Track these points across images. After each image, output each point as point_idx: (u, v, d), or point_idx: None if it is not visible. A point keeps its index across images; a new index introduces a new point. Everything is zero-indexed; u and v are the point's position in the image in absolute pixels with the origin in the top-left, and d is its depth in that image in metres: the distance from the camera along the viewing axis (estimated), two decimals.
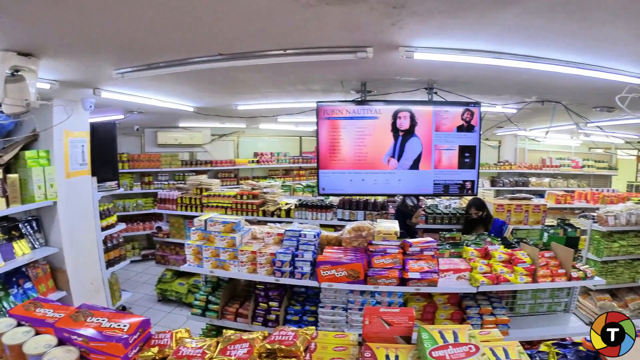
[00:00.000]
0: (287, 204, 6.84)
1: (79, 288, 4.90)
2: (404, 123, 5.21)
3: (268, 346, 1.99)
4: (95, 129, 5.56)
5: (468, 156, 5.38)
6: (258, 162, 12.19)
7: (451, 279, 3.73)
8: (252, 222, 5.47)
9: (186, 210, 7.34)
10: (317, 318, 3.80)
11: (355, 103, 5.32)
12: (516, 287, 3.79)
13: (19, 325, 2.00)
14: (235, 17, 2.65)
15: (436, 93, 5.27)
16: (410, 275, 3.56)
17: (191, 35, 3.07)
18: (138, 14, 2.60)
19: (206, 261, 3.99)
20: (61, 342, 1.92)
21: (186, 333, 2.24)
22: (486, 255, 4.03)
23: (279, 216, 6.58)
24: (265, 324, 3.95)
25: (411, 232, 5.60)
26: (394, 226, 4.01)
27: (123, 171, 9.72)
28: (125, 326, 1.98)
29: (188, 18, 2.67)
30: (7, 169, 4.20)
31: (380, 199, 6.57)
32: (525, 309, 4.25)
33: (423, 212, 6.21)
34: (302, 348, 2.00)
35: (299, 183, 9.55)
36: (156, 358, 1.99)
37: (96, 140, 5.56)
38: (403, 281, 3.60)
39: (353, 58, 3.26)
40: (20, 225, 4.37)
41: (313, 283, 3.72)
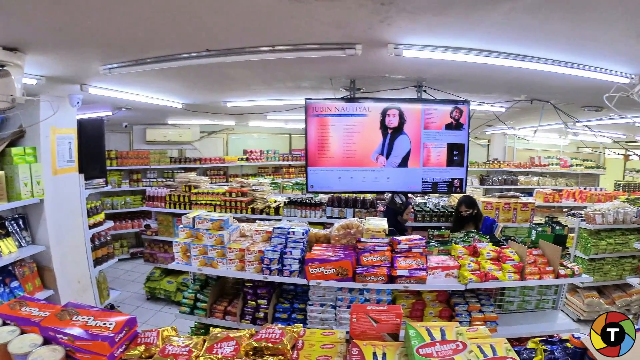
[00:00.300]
0: (276, 202, 6.82)
1: (67, 287, 4.85)
2: (393, 121, 5.20)
3: (255, 344, 1.97)
4: (82, 126, 5.50)
5: (457, 154, 5.39)
6: (247, 160, 12.14)
7: (439, 277, 3.74)
8: (241, 220, 5.45)
9: (175, 207, 7.30)
10: (306, 316, 3.79)
11: (344, 100, 5.30)
12: (504, 285, 3.82)
13: (4, 324, 1.97)
14: (223, 13, 2.63)
15: (425, 91, 5.28)
16: (398, 272, 3.56)
17: (178, 30, 3.05)
18: (124, 9, 2.57)
19: (194, 259, 3.96)
20: (47, 341, 1.90)
21: (173, 331, 2.21)
22: (474, 252, 4.04)
23: (268, 214, 6.58)
24: (253, 322, 3.93)
25: (401, 230, 5.61)
26: (383, 224, 4.01)
27: (111, 168, 9.64)
28: (111, 325, 1.96)
29: (175, 13, 2.64)
30: None
31: (369, 197, 6.57)
32: (513, 306, 4.27)
33: (412, 210, 6.22)
34: (289, 346, 1.99)
35: (289, 181, 9.53)
36: (142, 357, 1.97)
37: (84, 136, 5.49)
38: (391, 279, 3.60)
39: (342, 55, 3.25)
40: (6, 223, 4.30)
41: (301, 281, 3.71)
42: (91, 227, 5.71)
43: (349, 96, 5.36)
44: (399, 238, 3.74)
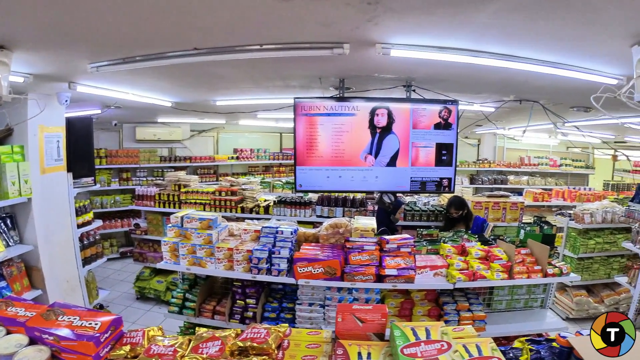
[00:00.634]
0: (266, 201, 6.81)
1: (55, 286, 4.82)
2: (382, 120, 5.20)
3: (240, 344, 1.97)
4: (71, 124, 5.46)
5: (445, 154, 5.40)
6: (238, 159, 12.09)
7: (428, 276, 3.74)
8: (231, 219, 5.43)
9: (164, 206, 7.26)
10: (295, 315, 3.78)
11: (332, 99, 5.30)
12: (492, 284, 3.83)
13: None
14: (210, 11, 2.61)
15: (414, 90, 5.27)
16: (386, 272, 3.57)
17: (166, 28, 3.02)
18: (111, 7, 2.54)
19: (183, 258, 3.95)
20: (33, 342, 1.90)
21: (159, 331, 2.22)
22: (463, 252, 4.05)
23: (258, 213, 6.56)
24: (242, 322, 3.92)
25: (393, 229, 5.62)
26: (372, 223, 4.02)
27: (101, 167, 9.57)
28: (96, 324, 1.96)
29: (162, 11, 2.62)
30: None
31: (359, 196, 6.57)
32: (502, 305, 4.30)
33: (403, 209, 6.24)
34: (274, 345, 1.98)
35: (279, 180, 9.52)
36: (128, 356, 1.97)
37: (72, 135, 5.46)
38: (380, 278, 3.61)
39: (329, 54, 3.24)
40: None
41: (290, 280, 3.70)
42: (80, 227, 5.66)
43: (338, 95, 5.37)
44: (388, 237, 3.74)
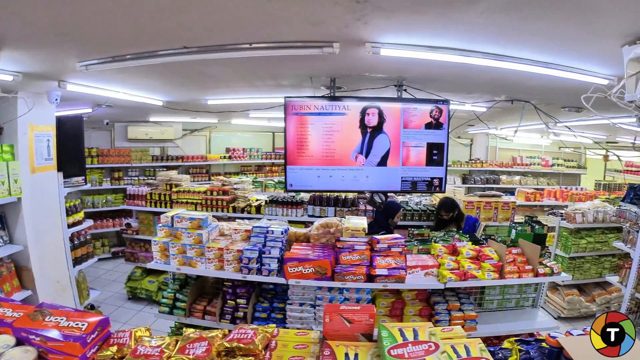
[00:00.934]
0: (258, 200, 6.79)
1: (45, 287, 4.79)
2: (372, 120, 5.19)
3: (227, 344, 1.96)
4: (61, 123, 5.43)
5: (436, 153, 5.39)
6: (230, 158, 12.06)
7: (419, 276, 3.74)
8: (222, 219, 5.42)
9: (156, 206, 7.23)
10: (286, 315, 3.77)
11: (323, 99, 5.29)
12: (483, 284, 3.84)
13: None
14: (199, 9, 2.60)
15: (406, 90, 5.26)
16: (377, 271, 3.56)
17: (155, 27, 3.00)
18: (99, 5, 2.52)
19: (173, 258, 3.92)
20: (20, 342, 1.88)
21: (146, 332, 2.20)
22: (454, 251, 4.06)
23: (249, 212, 6.54)
24: (233, 322, 3.90)
25: (390, 233, 5.61)
26: (362, 222, 4.01)
27: (92, 166, 9.53)
28: (83, 325, 1.94)
29: (150, 9, 2.60)
30: None
31: (351, 196, 6.58)
32: (493, 305, 4.31)
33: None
34: (261, 346, 1.97)
35: (271, 179, 9.49)
36: (115, 357, 1.96)
37: (62, 134, 5.43)
38: (370, 278, 3.60)
39: (319, 53, 3.22)
40: None
41: (280, 280, 3.69)
42: (70, 226, 5.64)
43: (329, 95, 5.36)
44: (378, 237, 3.73)
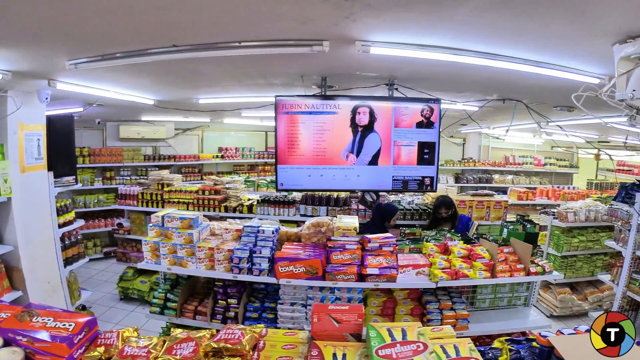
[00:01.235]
0: (250, 200, 6.77)
1: (36, 287, 4.76)
2: (363, 119, 5.19)
3: (214, 345, 1.95)
4: (52, 122, 5.39)
5: (427, 152, 5.40)
6: (223, 157, 12.01)
7: (410, 275, 3.74)
8: (214, 218, 5.39)
9: (147, 206, 7.19)
10: (277, 315, 3.76)
11: (314, 98, 5.28)
12: (474, 283, 3.85)
13: None
14: (188, 7, 2.58)
15: (397, 89, 5.26)
16: (368, 271, 3.56)
17: (144, 25, 2.98)
18: (87, 2, 2.49)
19: (163, 258, 3.91)
20: (7, 343, 1.86)
21: (134, 332, 2.19)
22: (445, 250, 4.06)
23: (241, 212, 6.51)
24: (224, 322, 3.88)
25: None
26: (354, 222, 4.00)
27: (84, 166, 9.47)
28: (70, 326, 1.93)
29: (139, 7, 2.58)
30: None
31: (343, 195, 6.58)
32: (485, 304, 4.31)
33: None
34: (249, 347, 1.96)
35: (264, 178, 9.49)
36: (102, 358, 1.94)
37: (53, 133, 5.39)
38: (362, 277, 3.60)
39: (309, 52, 3.21)
40: None
41: (271, 279, 3.68)
42: (61, 226, 5.59)
43: (320, 93, 5.34)
44: (369, 236, 3.73)
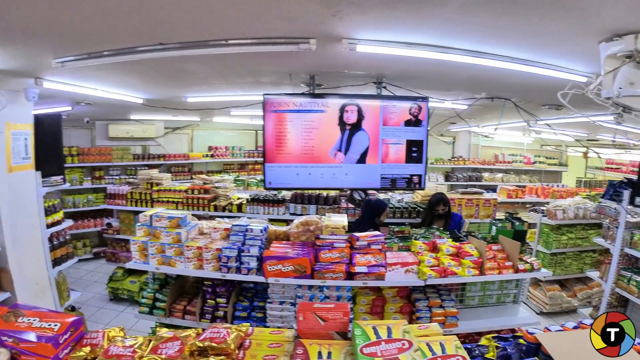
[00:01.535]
0: (239, 199, 6.75)
1: (25, 288, 4.71)
2: (351, 117, 5.20)
3: (199, 344, 1.94)
4: (39, 121, 5.33)
5: (415, 150, 5.43)
6: (212, 156, 11.98)
7: (399, 273, 3.74)
8: (204, 218, 5.37)
9: (136, 205, 7.14)
10: (266, 314, 3.74)
11: (301, 96, 5.29)
12: (463, 280, 3.84)
13: None
14: (173, 5, 2.57)
15: (385, 87, 5.28)
16: (357, 269, 3.55)
17: (130, 23, 2.96)
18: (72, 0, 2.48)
19: (152, 258, 3.88)
20: None
21: (120, 332, 2.19)
22: (434, 248, 4.07)
23: (231, 211, 6.49)
24: (213, 321, 3.85)
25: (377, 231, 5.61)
26: (342, 220, 4.00)
27: (72, 165, 9.40)
28: (56, 326, 1.93)
29: (125, 5, 2.56)
30: None
31: (332, 193, 6.59)
32: (474, 301, 4.32)
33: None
34: (234, 345, 1.95)
35: (254, 177, 9.46)
36: (88, 358, 1.94)
37: (40, 132, 5.33)
38: (350, 275, 3.59)
39: (296, 50, 3.21)
40: None
41: (259, 278, 3.66)
42: (49, 227, 5.53)
43: (308, 92, 5.34)
44: (358, 235, 3.73)
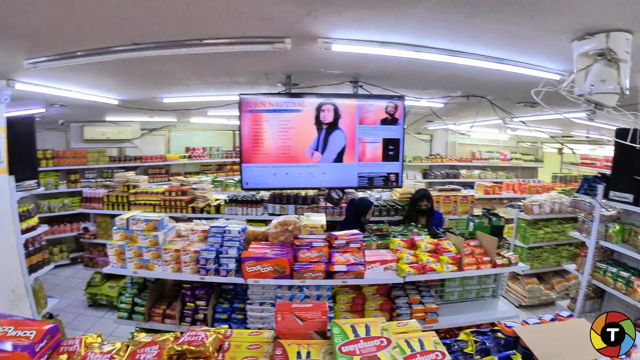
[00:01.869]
0: (217, 200, 6.70)
1: (0, 297, 4.60)
2: (328, 116, 5.21)
3: (177, 348, 1.92)
4: (11, 124, 5.21)
5: (392, 149, 5.46)
6: (190, 157, 11.86)
7: (378, 270, 3.77)
8: (182, 220, 5.32)
9: (113, 208, 7.05)
10: (247, 315, 3.72)
11: (277, 96, 5.27)
12: (442, 276, 3.89)
13: None
14: (147, 4, 2.54)
15: (361, 86, 5.30)
16: (336, 268, 3.57)
17: (104, 23, 2.93)
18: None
19: (129, 262, 3.83)
20: None
21: (98, 338, 2.15)
22: (412, 245, 4.10)
23: (209, 212, 6.45)
24: (193, 324, 3.82)
25: (363, 230, 5.62)
26: (321, 219, 4.00)
27: (47, 169, 9.18)
28: (32, 334, 1.89)
29: (98, 4, 2.53)
30: None
31: (311, 193, 6.59)
32: (454, 296, 4.38)
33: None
34: (212, 348, 1.94)
35: (232, 178, 9.40)
36: None
37: (13, 135, 5.21)
38: (330, 274, 3.60)
39: (271, 49, 3.21)
40: None
41: (239, 280, 3.65)
42: (24, 232, 5.41)
43: (285, 91, 5.33)
44: (336, 233, 3.75)
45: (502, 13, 2.69)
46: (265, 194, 6.71)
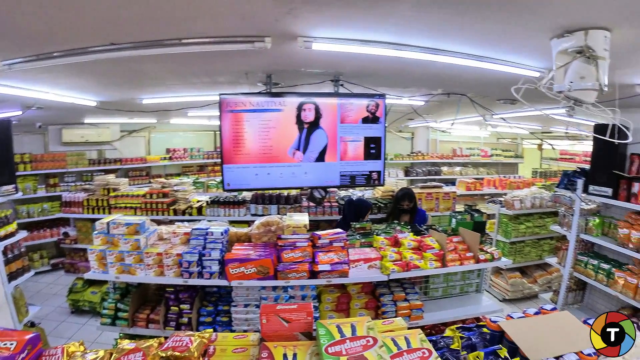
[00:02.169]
0: (199, 202, 6.62)
1: None
2: (309, 115, 5.19)
3: (161, 354, 1.90)
4: None
5: (374, 147, 5.46)
6: (171, 159, 11.77)
7: (362, 269, 3.76)
8: (163, 222, 5.25)
9: (93, 212, 6.91)
10: (232, 317, 3.69)
11: (258, 95, 5.23)
12: (425, 273, 3.92)
13: None
14: (124, 3, 2.50)
15: (342, 85, 5.31)
16: (320, 267, 3.57)
17: (80, 22, 2.87)
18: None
19: (111, 266, 3.77)
20: None
21: (80, 346, 2.11)
22: (396, 243, 4.12)
23: (191, 214, 6.36)
24: (178, 328, 3.78)
25: None
26: (304, 219, 3.99)
27: (25, 173, 9.01)
28: (12, 344, 1.86)
29: (74, 3, 2.48)
30: None
31: (293, 193, 6.57)
32: (438, 293, 4.43)
33: (336, 204, 6.28)
34: (197, 353, 1.92)
35: (213, 179, 9.30)
36: None
37: None
38: (314, 274, 3.60)
39: (251, 48, 3.17)
40: None
41: (222, 282, 3.62)
42: (2, 239, 5.30)
43: (265, 91, 5.31)
44: (319, 233, 3.75)
45: (483, 11, 2.70)
46: (247, 195, 6.66)
